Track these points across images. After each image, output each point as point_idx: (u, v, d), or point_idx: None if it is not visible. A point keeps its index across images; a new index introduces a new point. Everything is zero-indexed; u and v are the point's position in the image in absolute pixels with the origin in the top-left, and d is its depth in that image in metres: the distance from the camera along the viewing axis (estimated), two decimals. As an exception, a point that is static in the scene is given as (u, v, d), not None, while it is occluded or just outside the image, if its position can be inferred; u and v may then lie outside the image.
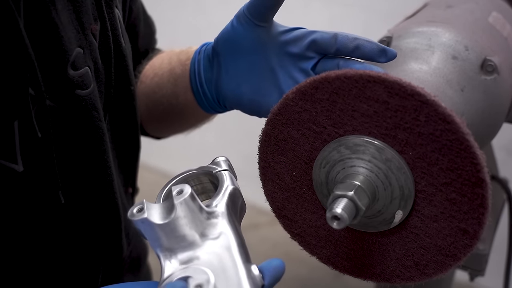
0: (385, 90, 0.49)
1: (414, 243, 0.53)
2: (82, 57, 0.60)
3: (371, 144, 0.51)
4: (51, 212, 0.60)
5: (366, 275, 0.58)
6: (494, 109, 0.69)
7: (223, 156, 0.57)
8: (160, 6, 2.27)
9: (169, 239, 0.49)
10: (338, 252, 0.59)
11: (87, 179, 0.63)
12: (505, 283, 1.10)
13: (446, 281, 1.06)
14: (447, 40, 0.68)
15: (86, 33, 0.61)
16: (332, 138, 0.53)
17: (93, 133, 0.62)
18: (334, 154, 0.53)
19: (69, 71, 0.58)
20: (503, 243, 1.12)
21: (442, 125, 0.47)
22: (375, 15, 1.80)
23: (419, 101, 0.47)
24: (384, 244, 0.55)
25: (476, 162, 0.47)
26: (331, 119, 0.52)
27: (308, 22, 1.97)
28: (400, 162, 0.50)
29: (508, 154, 1.67)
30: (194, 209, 0.49)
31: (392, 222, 0.53)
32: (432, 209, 0.51)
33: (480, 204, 0.48)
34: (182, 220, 0.48)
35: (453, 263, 0.52)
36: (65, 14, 0.58)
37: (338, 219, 0.48)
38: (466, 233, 0.50)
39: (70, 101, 0.59)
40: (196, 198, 0.50)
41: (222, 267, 0.47)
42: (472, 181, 0.47)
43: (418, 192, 0.51)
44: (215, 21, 2.16)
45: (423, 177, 0.50)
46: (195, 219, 0.49)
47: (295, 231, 0.60)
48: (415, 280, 0.55)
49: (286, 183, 0.58)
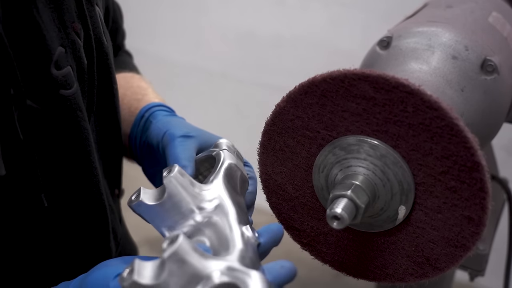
0: (370, 86, 0.49)
1: (422, 238, 0.53)
2: (64, 57, 0.59)
3: (364, 142, 0.51)
4: (34, 215, 0.59)
5: (380, 277, 0.57)
6: (494, 109, 0.69)
7: (225, 139, 0.63)
8: (160, 6, 2.29)
9: (168, 217, 0.52)
10: (349, 257, 0.58)
11: (73, 181, 0.63)
12: (505, 283, 1.08)
13: (446, 281, 1.04)
14: (447, 40, 0.68)
15: (68, 31, 0.61)
16: (326, 142, 0.53)
17: (78, 133, 0.61)
18: (330, 157, 0.53)
19: (53, 70, 0.58)
20: (503, 243, 1.11)
21: (430, 112, 0.47)
22: (375, 15, 1.81)
23: (404, 92, 0.47)
24: (393, 243, 0.55)
25: (469, 145, 0.46)
26: (323, 123, 0.53)
27: (308, 22, 2.00)
28: (395, 157, 0.50)
29: (508, 154, 1.65)
30: (185, 184, 0.52)
31: (397, 218, 0.52)
32: (434, 200, 0.50)
33: (480, 189, 0.47)
34: (175, 197, 0.52)
35: (463, 253, 0.51)
36: (46, 13, 0.58)
37: (338, 219, 0.48)
38: (471, 220, 0.49)
39: (54, 101, 0.58)
40: (186, 174, 0.52)
41: (220, 235, 0.49)
42: (468, 166, 0.47)
43: (418, 184, 0.50)
44: (215, 21, 2.21)
45: (420, 169, 0.50)
46: (188, 193, 0.52)
47: (304, 240, 0.60)
48: (429, 276, 0.54)
49: (289, 193, 0.58)
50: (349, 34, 1.90)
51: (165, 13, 2.28)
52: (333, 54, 1.92)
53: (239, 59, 2.11)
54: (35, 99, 0.57)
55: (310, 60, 1.95)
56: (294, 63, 2.00)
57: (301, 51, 2.01)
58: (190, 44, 2.23)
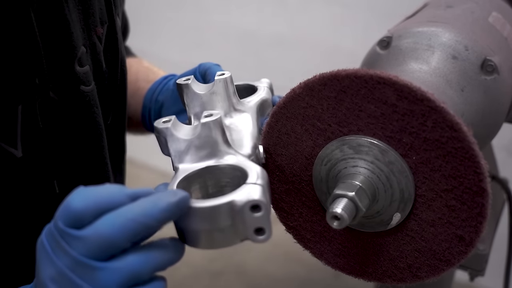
0: (394, 92, 0.48)
1: (409, 246, 0.54)
2: (85, 56, 0.62)
3: (375, 145, 0.51)
4: (45, 200, 0.60)
5: (357, 273, 0.58)
6: (494, 109, 0.69)
7: (268, 79, 0.69)
8: (160, 6, 2.26)
9: (201, 107, 0.59)
10: (332, 249, 0.59)
11: (85, 173, 0.64)
12: (505, 283, 1.10)
13: (446, 281, 1.06)
14: (447, 40, 0.68)
15: (90, 34, 0.63)
16: (335, 136, 0.53)
17: (93, 128, 0.64)
18: (336, 153, 0.53)
19: (76, 67, 0.60)
20: (503, 243, 1.13)
21: (449, 132, 0.47)
22: (375, 15, 1.80)
23: (428, 107, 0.47)
24: (379, 244, 0.56)
25: (479, 171, 0.47)
26: (336, 117, 0.52)
27: (309, 22, 1.97)
28: (402, 166, 0.50)
29: (508, 154, 1.68)
30: (230, 89, 0.60)
31: (390, 223, 0.53)
32: (430, 214, 0.51)
33: (479, 213, 0.48)
34: (218, 94, 0.59)
35: (446, 268, 0.52)
36: (75, 13, 0.60)
37: (338, 219, 0.48)
38: (462, 240, 0.50)
39: (75, 95, 0.61)
40: (232, 83, 0.61)
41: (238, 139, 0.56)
42: (473, 190, 0.48)
43: (418, 196, 0.51)
44: (216, 21, 2.16)
45: (424, 182, 0.50)
46: (228, 96, 0.60)
47: (290, 224, 0.60)
48: (406, 281, 0.56)
49: (286, 176, 0.58)
50: (350, 34, 1.88)
51: (166, 13, 2.24)
52: (333, 54, 1.91)
53: (239, 59, 2.08)
54: (57, 92, 0.59)
55: (310, 60, 1.94)
56: (295, 63, 1.98)
57: (302, 51, 2.00)
58: (190, 44, 2.21)
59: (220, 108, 0.59)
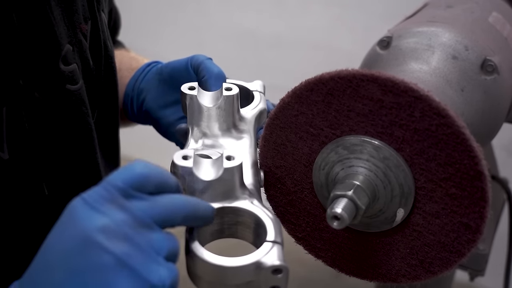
0: (378, 88, 0.49)
1: (417, 241, 0.53)
2: (72, 54, 0.61)
3: (368, 143, 0.51)
4: (34, 203, 0.60)
5: (372, 276, 0.58)
6: (494, 109, 0.69)
7: (260, 81, 0.69)
8: (160, 6, 2.29)
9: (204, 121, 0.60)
10: (343, 254, 0.58)
11: (75, 174, 0.64)
12: (505, 283, 1.09)
13: (446, 281, 1.05)
14: (447, 40, 0.68)
15: (75, 31, 0.63)
16: (329, 140, 0.53)
17: (82, 127, 0.63)
18: (332, 156, 0.53)
19: (61, 65, 0.59)
20: (503, 243, 1.12)
21: (437, 119, 0.47)
22: (375, 15, 1.81)
23: (412, 97, 0.47)
24: (388, 244, 0.55)
25: (473, 155, 0.47)
26: (327, 121, 0.53)
27: (308, 23, 1.99)
28: (398, 160, 0.50)
29: (508, 154, 1.67)
30: (235, 105, 0.61)
31: (394, 220, 0.53)
32: (433, 205, 0.51)
33: (481, 197, 0.48)
34: (226, 109, 0.60)
35: (457, 259, 0.52)
36: (57, 11, 0.60)
37: (338, 219, 0.48)
38: (468, 227, 0.49)
39: (61, 95, 0.60)
40: (238, 98, 0.61)
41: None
42: (470, 175, 0.47)
43: (418, 189, 0.51)
44: (216, 21, 2.19)
45: (422, 174, 0.50)
46: (235, 112, 0.61)
47: (299, 235, 0.60)
48: (421, 278, 0.55)
49: (288, 187, 0.58)
50: (349, 35, 1.90)
51: (166, 13, 2.28)
52: (333, 54, 1.91)
53: (239, 60, 2.10)
54: (42, 92, 0.58)
55: (310, 60, 1.94)
56: (294, 64, 2.00)
57: (301, 52, 2.01)
58: (190, 44, 2.24)
59: (224, 123, 0.60)
